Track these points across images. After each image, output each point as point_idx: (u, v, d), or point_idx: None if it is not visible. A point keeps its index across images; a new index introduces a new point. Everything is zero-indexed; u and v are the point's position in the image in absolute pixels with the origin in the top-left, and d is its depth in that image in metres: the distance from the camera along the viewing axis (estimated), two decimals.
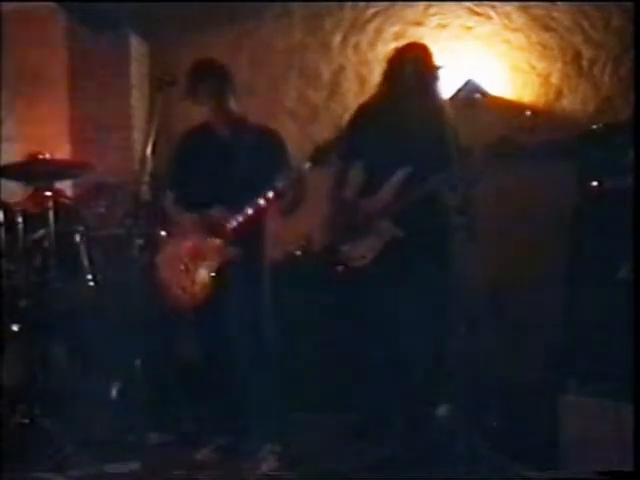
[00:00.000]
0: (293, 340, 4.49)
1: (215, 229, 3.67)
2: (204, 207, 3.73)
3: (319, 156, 3.54)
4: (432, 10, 5.31)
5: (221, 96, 3.80)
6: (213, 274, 3.65)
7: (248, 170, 3.68)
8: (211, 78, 3.79)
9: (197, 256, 3.69)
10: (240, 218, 3.62)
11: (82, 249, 4.45)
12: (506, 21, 5.18)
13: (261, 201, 3.58)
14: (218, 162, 3.77)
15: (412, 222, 3.75)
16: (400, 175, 3.78)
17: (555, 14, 5.10)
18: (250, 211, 3.61)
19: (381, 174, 3.86)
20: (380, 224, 3.84)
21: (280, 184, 3.55)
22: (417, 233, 3.75)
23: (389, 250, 3.81)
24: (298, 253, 4.88)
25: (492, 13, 5.21)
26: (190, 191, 3.84)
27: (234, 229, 3.64)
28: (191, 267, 3.70)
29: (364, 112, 4.03)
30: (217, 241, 3.66)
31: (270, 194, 3.56)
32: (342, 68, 5.52)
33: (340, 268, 3.92)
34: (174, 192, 3.91)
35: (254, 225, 3.70)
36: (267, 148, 3.77)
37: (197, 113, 3.86)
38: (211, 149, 3.83)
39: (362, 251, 3.86)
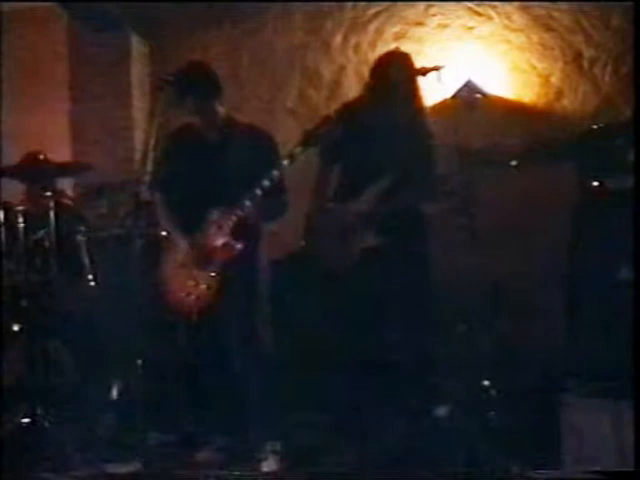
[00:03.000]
0: (293, 340, 4.51)
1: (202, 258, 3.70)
2: (196, 211, 3.76)
3: (308, 140, 3.57)
4: (433, 10, 5.32)
5: (210, 103, 3.81)
6: (213, 274, 3.67)
7: (238, 171, 3.68)
8: (199, 89, 3.78)
9: (200, 257, 3.72)
10: (233, 219, 3.65)
11: (83, 249, 4.45)
12: (507, 21, 5.18)
13: (248, 202, 3.60)
14: (207, 165, 3.78)
15: (390, 230, 3.80)
16: (380, 184, 3.81)
17: (556, 14, 5.10)
18: (240, 212, 3.63)
19: (361, 180, 3.88)
20: (359, 230, 3.87)
21: (267, 183, 3.56)
22: (395, 240, 3.79)
23: (368, 256, 3.84)
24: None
25: (493, 13, 5.21)
26: (178, 195, 3.87)
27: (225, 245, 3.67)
28: (193, 269, 3.72)
29: (346, 116, 4.03)
30: (220, 241, 3.68)
31: (259, 192, 3.57)
32: (343, 68, 5.52)
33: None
34: (163, 195, 3.94)
35: (249, 225, 3.71)
36: (257, 149, 3.77)
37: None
38: (199, 152, 3.83)
39: (341, 255, 3.88)
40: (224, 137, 3.82)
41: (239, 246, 3.68)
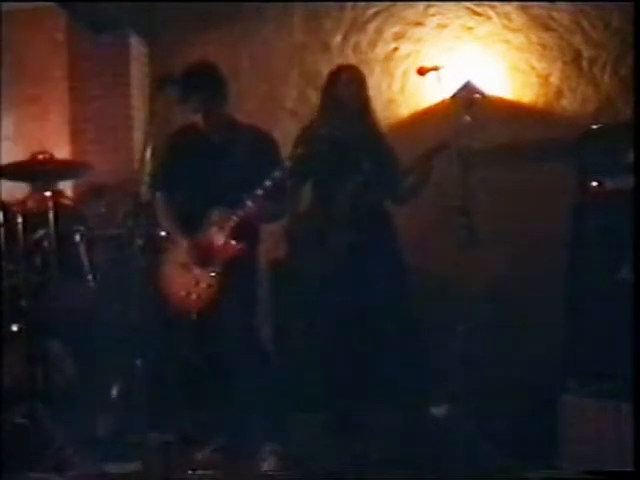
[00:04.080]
0: (293, 340, 4.50)
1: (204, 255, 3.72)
2: (197, 210, 3.76)
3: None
4: (432, 10, 5.31)
5: (215, 104, 3.80)
6: (213, 274, 3.67)
7: (240, 172, 3.68)
8: (205, 88, 3.77)
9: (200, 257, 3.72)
10: (235, 219, 3.66)
11: (82, 249, 4.45)
12: (506, 21, 5.18)
13: (249, 202, 3.61)
14: (209, 165, 3.78)
15: (362, 230, 3.97)
16: (347, 189, 4.00)
17: (555, 14, 5.09)
18: (241, 212, 3.64)
19: (330, 188, 4.06)
20: (332, 233, 3.99)
21: (269, 183, 3.57)
22: (368, 239, 3.99)
23: (344, 256, 3.97)
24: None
25: (492, 13, 5.21)
26: (180, 194, 3.87)
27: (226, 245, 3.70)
28: (193, 268, 3.72)
29: (309, 134, 4.13)
30: (220, 241, 3.69)
31: (260, 192, 3.58)
32: None
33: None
34: (163, 194, 3.94)
35: (249, 225, 3.72)
36: (259, 150, 3.77)
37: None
38: (202, 152, 3.83)
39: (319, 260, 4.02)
40: (226, 137, 3.82)
41: (240, 246, 3.69)
